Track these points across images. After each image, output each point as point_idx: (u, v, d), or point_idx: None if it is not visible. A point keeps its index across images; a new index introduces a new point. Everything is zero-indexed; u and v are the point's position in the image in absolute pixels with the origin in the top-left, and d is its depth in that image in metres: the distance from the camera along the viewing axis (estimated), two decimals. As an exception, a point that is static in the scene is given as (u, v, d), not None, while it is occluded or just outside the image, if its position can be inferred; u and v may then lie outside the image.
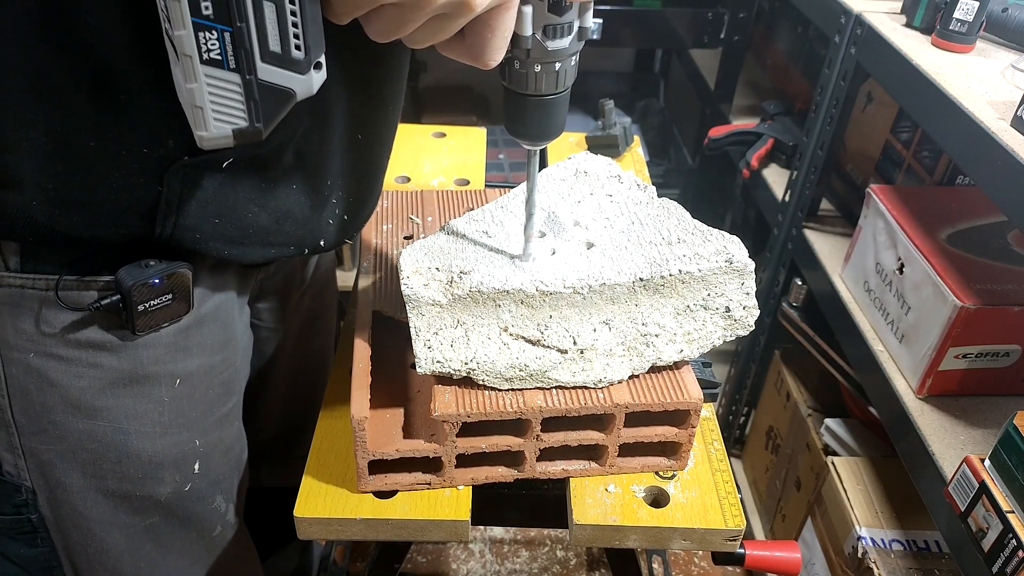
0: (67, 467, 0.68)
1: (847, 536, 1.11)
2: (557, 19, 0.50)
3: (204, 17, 0.42)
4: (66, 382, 0.65)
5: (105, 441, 0.68)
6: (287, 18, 0.44)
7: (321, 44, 0.46)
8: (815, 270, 1.23)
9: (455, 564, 1.51)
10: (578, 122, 1.82)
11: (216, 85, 0.45)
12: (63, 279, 0.61)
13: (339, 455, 0.69)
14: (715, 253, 0.65)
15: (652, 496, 0.68)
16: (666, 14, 1.62)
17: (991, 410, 0.94)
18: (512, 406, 0.63)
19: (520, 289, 0.63)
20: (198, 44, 0.43)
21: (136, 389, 0.67)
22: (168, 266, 0.62)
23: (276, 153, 0.61)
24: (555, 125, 0.57)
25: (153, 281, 0.61)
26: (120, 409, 0.67)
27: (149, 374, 0.67)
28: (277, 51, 0.45)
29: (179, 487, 0.73)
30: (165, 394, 0.69)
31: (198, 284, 0.67)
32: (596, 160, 0.79)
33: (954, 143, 0.85)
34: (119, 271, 0.61)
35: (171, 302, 0.63)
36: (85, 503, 0.70)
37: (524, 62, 0.53)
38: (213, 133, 0.46)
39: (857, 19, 1.08)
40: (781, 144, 1.43)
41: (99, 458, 0.68)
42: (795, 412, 1.36)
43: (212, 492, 0.77)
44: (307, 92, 0.47)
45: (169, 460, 0.71)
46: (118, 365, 0.65)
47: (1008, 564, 0.72)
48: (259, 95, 0.46)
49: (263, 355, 0.87)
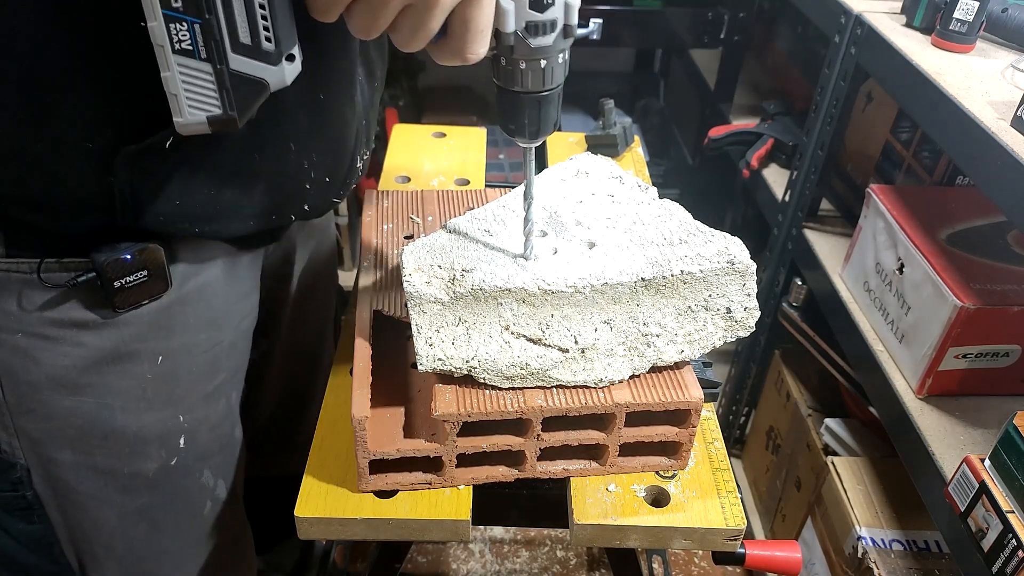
0: (57, 444, 0.70)
1: (847, 536, 1.11)
2: (539, 16, 0.51)
3: (174, 9, 0.44)
4: (51, 360, 0.66)
5: (91, 418, 0.69)
6: (256, 10, 0.46)
7: (293, 37, 0.48)
8: (815, 270, 1.23)
9: (455, 564, 1.51)
10: (578, 122, 1.82)
11: (188, 74, 0.46)
12: (45, 262, 0.62)
13: (339, 455, 0.69)
14: (717, 254, 0.65)
15: (652, 496, 0.68)
16: (666, 14, 1.62)
17: (991, 410, 0.94)
18: (513, 406, 0.63)
19: (522, 288, 0.63)
20: (169, 35, 0.45)
21: (119, 366, 0.68)
22: (139, 243, 0.63)
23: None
24: (548, 122, 0.57)
25: (124, 257, 0.63)
26: (104, 386, 0.68)
27: (132, 351, 0.68)
28: (247, 43, 0.46)
29: (165, 462, 0.75)
30: (148, 371, 0.70)
31: (178, 262, 0.68)
32: (597, 161, 0.79)
33: (954, 143, 0.85)
34: (92, 250, 0.63)
35: (147, 279, 0.65)
36: (77, 479, 0.72)
37: (509, 59, 0.53)
38: (188, 120, 0.48)
39: (857, 19, 1.08)
40: (781, 144, 1.43)
41: (86, 434, 0.70)
42: (795, 412, 1.36)
43: (199, 467, 0.78)
44: (280, 83, 0.49)
45: (154, 435, 0.73)
46: (101, 343, 0.67)
47: (1008, 564, 0.72)
48: (231, 84, 0.47)
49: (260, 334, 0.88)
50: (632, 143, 1.12)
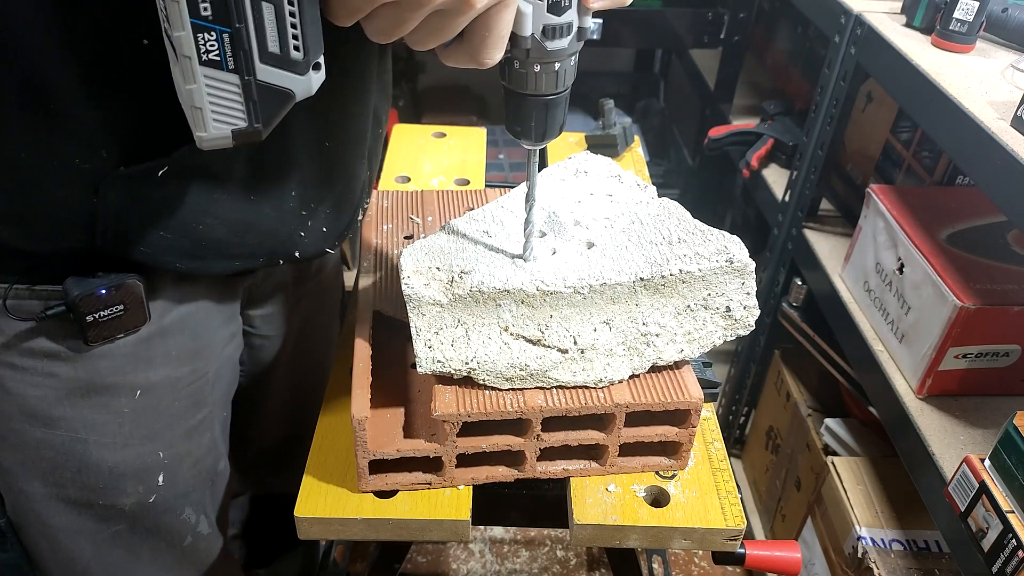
0: (27, 475, 0.68)
1: (847, 536, 1.11)
2: (556, 19, 0.50)
3: (203, 18, 0.42)
4: (21, 391, 0.64)
5: (63, 450, 0.67)
6: (286, 19, 0.44)
7: (320, 45, 0.46)
8: (815, 270, 1.23)
9: (455, 564, 1.51)
10: (578, 122, 1.82)
11: (215, 86, 0.44)
12: (14, 288, 0.60)
13: (339, 455, 0.69)
14: (716, 253, 0.65)
15: (652, 496, 0.68)
16: (666, 14, 1.62)
17: (991, 410, 0.94)
18: (512, 406, 0.63)
19: (521, 289, 0.63)
20: (197, 45, 0.43)
21: (94, 399, 0.66)
22: (116, 277, 0.60)
23: (224, 164, 0.59)
24: (555, 125, 0.57)
25: (100, 292, 0.60)
26: (78, 419, 0.66)
27: (108, 384, 0.66)
28: (276, 52, 0.44)
29: (143, 498, 0.72)
30: (125, 405, 0.67)
31: (159, 295, 0.65)
32: (596, 160, 0.79)
33: (954, 143, 0.85)
34: (66, 281, 0.60)
35: (123, 313, 0.62)
36: (48, 511, 0.69)
37: (524, 62, 0.53)
38: (212, 134, 0.46)
39: (857, 19, 1.08)
40: (781, 144, 1.43)
41: (58, 467, 0.67)
42: (795, 412, 1.36)
43: (180, 504, 0.76)
44: (306, 93, 0.47)
45: (131, 471, 0.70)
46: (74, 375, 0.64)
47: (1008, 564, 0.72)
48: (258, 96, 0.45)
49: (260, 362, 0.86)
50: (632, 143, 1.12)
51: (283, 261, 0.68)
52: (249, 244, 0.64)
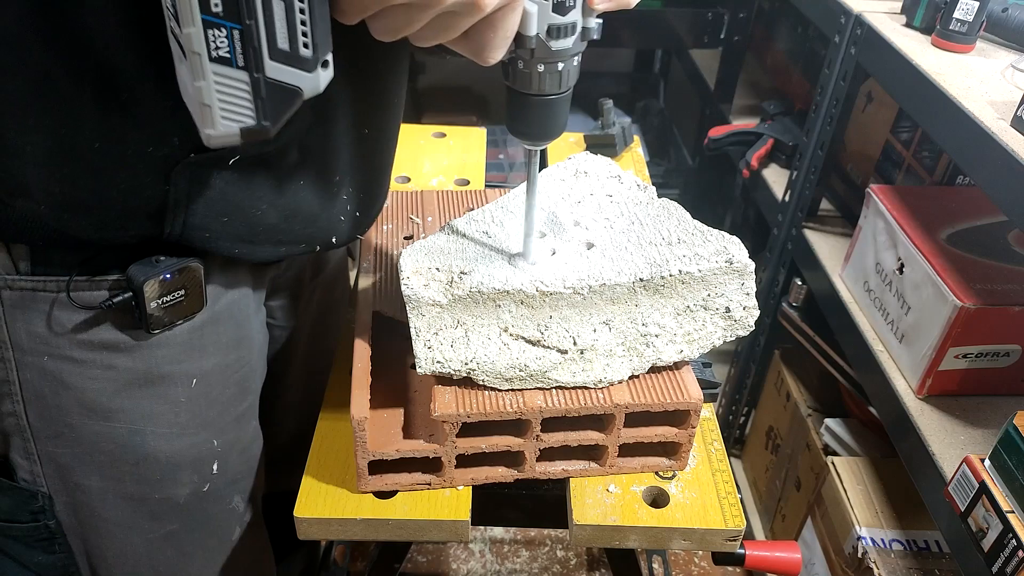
0: (85, 470, 0.68)
1: (847, 536, 1.11)
2: (561, 19, 0.51)
3: (214, 14, 0.42)
4: (80, 384, 0.64)
5: (122, 443, 0.67)
6: (296, 15, 0.44)
7: (329, 42, 0.46)
8: (815, 270, 1.23)
9: (455, 564, 1.51)
10: (578, 122, 1.82)
11: (224, 83, 0.44)
12: (74, 280, 0.60)
13: (339, 455, 0.69)
14: (715, 253, 0.65)
15: (652, 496, 0.68)
16: (666, 14, 1.62)
17: (991, 410, 0.94)
18: (512, 406, 0.63)
19: (520, 289, 0.63)
20: (207, 41, 0.42)
21: (152, 390, 0.67)
22: (179, 261, 0.61)
23: (281, 151, 0.61)
24: (557, 125, 0.57)
25: (165, 276, 0.60)
26: (136, 410, 0.67)
27: (164, 374, 0.67)
28: (285, 49, 0.44)
29: (197, 487, 0.73)
30: (181, 394, 0.68)
31: (210, 281, 0.66)
32: (596, 160, 0.79)
33: (954, 143, 0.85)
34: (130, 268, 0.60)
35: (184, 299, 0.63)
36: (104, 506, 0.70)
37: (528, 62, 0.53)
38: (220, 131, 0.46)
39: (857, 19, 1.08)
40: (781, 144, 1.43)
41: (116, 460, 0.68)
42: (795, 412, 1.36)
43: (230, 492, 0.77)
44: (314, 90, 0.47)
45: (187, 461, 0.71)
46: (133, 365, 0.65)
47: (1008, 564, 0.72)
48: (266, 93, 0.45)
49: (279, 354, 0.87)
50: (631, 143, 1.12)
51: (320, 247, 0.69)
52: (296, 230, 0.65)
